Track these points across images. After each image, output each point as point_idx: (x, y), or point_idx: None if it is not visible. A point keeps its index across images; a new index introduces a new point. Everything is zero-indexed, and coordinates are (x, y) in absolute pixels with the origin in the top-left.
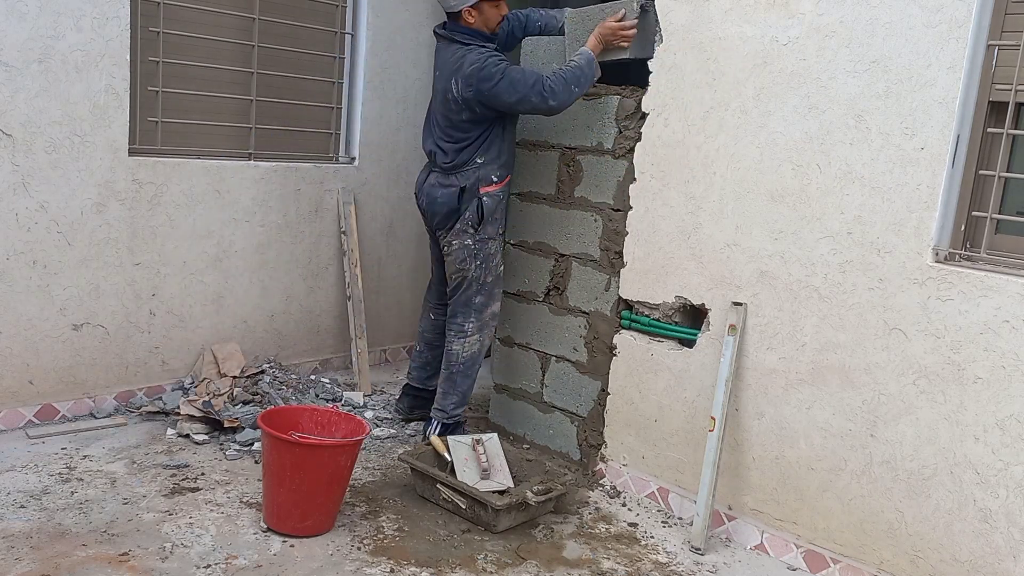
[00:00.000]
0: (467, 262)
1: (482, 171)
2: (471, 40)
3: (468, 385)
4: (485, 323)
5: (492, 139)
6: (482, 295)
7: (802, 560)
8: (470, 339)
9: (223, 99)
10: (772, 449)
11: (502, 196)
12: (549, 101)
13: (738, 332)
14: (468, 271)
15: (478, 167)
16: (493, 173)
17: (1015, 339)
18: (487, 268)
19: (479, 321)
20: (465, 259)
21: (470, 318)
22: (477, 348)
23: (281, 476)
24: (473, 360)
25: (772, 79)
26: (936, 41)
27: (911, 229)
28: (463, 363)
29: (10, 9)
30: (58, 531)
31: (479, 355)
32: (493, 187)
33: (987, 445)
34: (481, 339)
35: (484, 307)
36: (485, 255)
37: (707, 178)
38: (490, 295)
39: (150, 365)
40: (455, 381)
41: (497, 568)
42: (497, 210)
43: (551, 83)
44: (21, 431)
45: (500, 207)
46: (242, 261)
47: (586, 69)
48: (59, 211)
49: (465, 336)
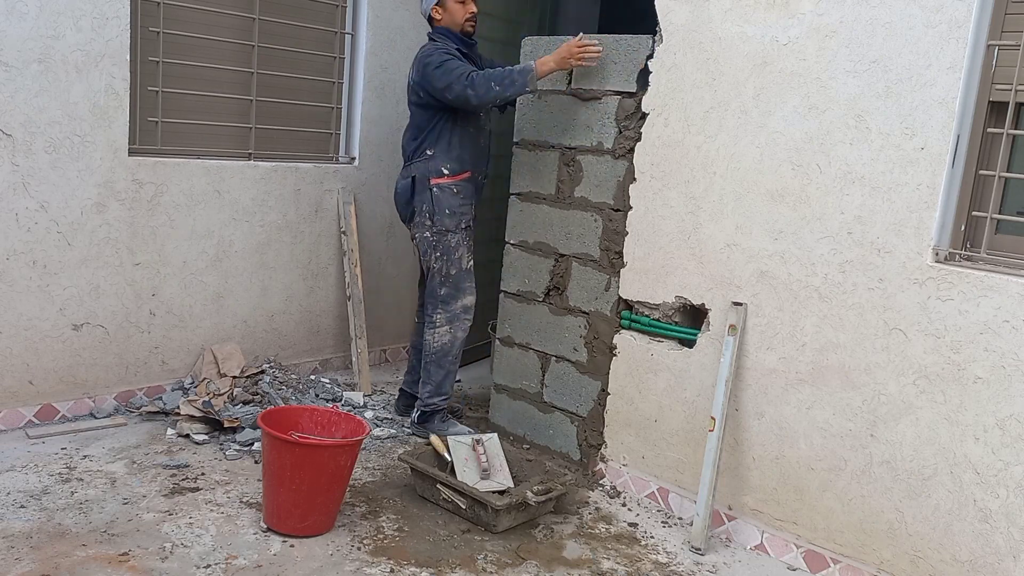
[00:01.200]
0: (428, 254)
1: (431, 163)
2: (439, 37)
3: (442, 376)
4: (455, 315)
5: (441, 132)
6: (447, 287)
7: (802, 560)
8: (439, 330)
9: (223, 99)
10: (772, 449)
11: (458, 191)
12: (467, 90)
13: (738, 332)
14: (430, 262)
15: (428, 158)
16: (443, 165)
17: (1015, 339)
18: (449, 260)
19: (447, 313)
20: (426, 251)
21: (437, 309)
22: (447, 340)
23: (281, 476)
24: (444, 351)
25: (772, 79)
26: (936, 41)
27: (911, 229)
28: (434, 353)
29: (10, 9)
30: (58, 531)
31: (450, 347)
32: (444, 179)
33: (987, 445)
34: (452, 331)
35: (451, 299)
36: (445, 247)
37: (707, 178)
38: (456, 288)
39: (150, 365)
40: (428, 371)
41: (497, 568)
42: (453, 204)
43: (475, 77)
44: (21, 431)
45: (457, 201)
46: (242, 261)
47: (517, 76)
48: (59, 211)
49: (434, 327)
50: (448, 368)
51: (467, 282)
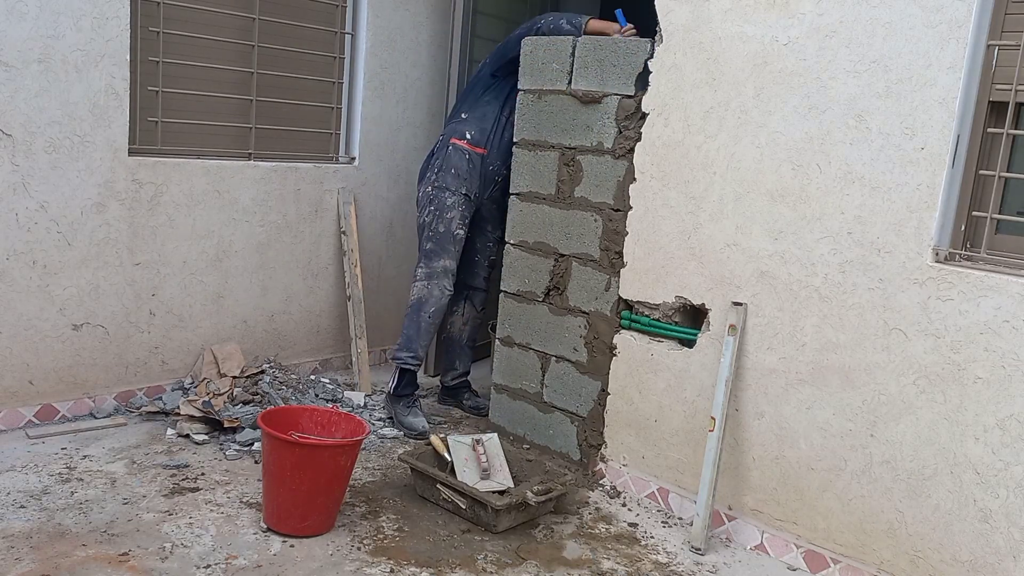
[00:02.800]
0: (423, 207)
1: (460, 125)
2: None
3: (414, 331)
4: (434, 273)
5: (482, 103)
6: (432, 242)
7: (802, 560)
8: (418, 284)
9: (223, 99)
10: (772, 449)
11: (470, 159)
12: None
13: (738, 332)
14: (423, 216)
15: (459, 121)
16: (468, 130)
17: (1015, 339)
18: (439, 217)
19: (427, 268)
20: (424, 206)
21: (420, 263)
22: (424, 294)
23: (281, 476)
24: (418, 305)
25: (772, 79)
26: (936, 41)
27: (911, 229)
28: (410, 306)
29: (10, 9)
30: (58, 531)
31: (424, 303)
32: (463, 143)
33: (987, 445)
34: (429, 288)
35: (433, 256)
36: (439, 204)
37: (707, 178)
38: (440, 246)
39: (150, 365)
40: (404, 322)
41: (497, 568)
42: (461, 166)
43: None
44: (21, 431)
45: (465, 166)
46: (242, 261)
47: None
48: (59, 211)
49: (415, 280)
50: (421, 324)
51: (452, 246)
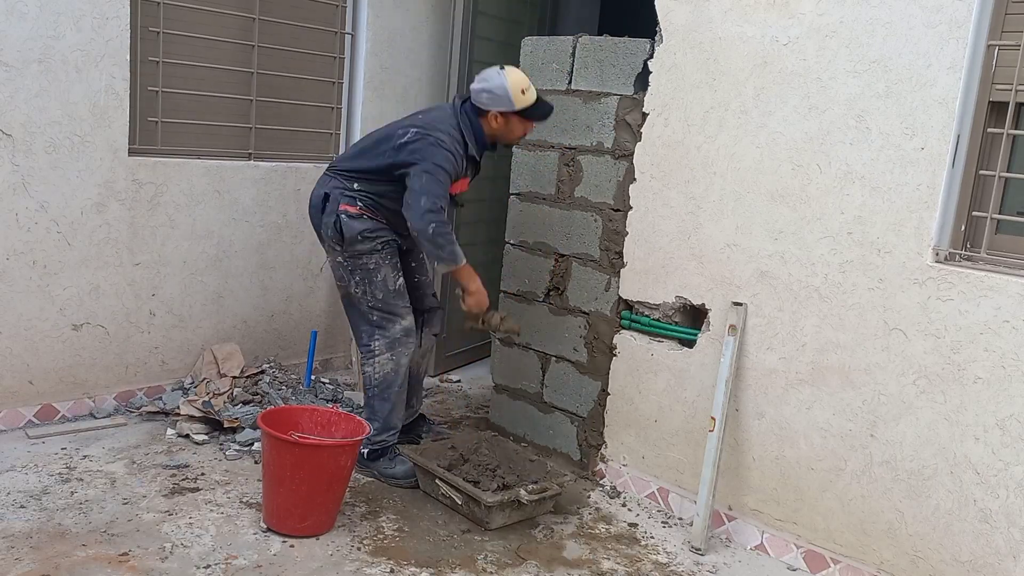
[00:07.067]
0: (345, 280)
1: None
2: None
3: (388, 410)
4: (396, 339)
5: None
6: (378, 311)
7: (802, 560)
8: (379, 359)
9: (223, 99)
10: (772, 449)
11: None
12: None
13: (738, 332)
14: (349, 289)
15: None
16: (360, 199)
17: (1015, 339)
18: (372, 283)
19: (386, 338)
20: (342, 276)
21: (374, 336)
22: (391, 368)
23: (281, 476)
24: (388, 382)
25: (772, 79)
26: (936, 41)
27: (911, 229)
28: (377, 385)
29: (10, 9)
30: (58, 531)
31: (395, 375)
32: (355, 210)
33: (987, 445)
34: (394, 357)
35: (387, 323)
36: (364, 272)
37: (707, 178)
38: (390, 311)
39: (150, 365)
40: (373, 407)
41: (497, 568)
42: (367, 227)
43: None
44: (21, 431)
45: (371, 224)
46: (242, 261)
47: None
48: (59, 211)
49: (373, 356)
50: (394, 401)
51: (400, 301)
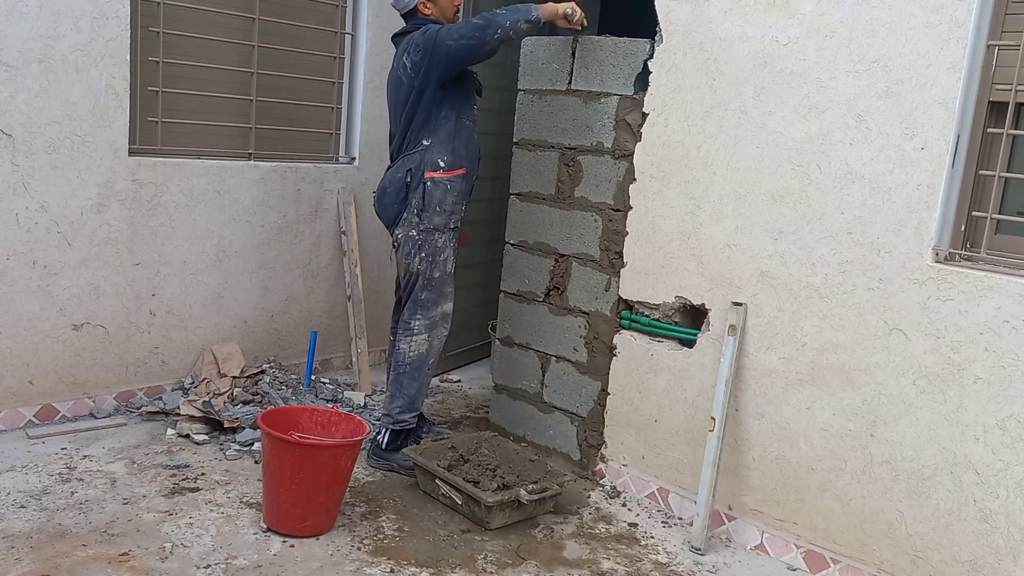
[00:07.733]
0: (412, 255)
1: (428, 154)
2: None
3: (416, 389)
4: (435, 322)
5: (439, 121)
6: (429, 291)
7: (802, 560)
8: (417, 338)
9: (223, 99)
10: (772, 449)
11: (451, 187)
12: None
13: (738, 332)
14: (413, 264)
15: (424, 149)
16: (440, 158)
17: (1015, 339)
18: (434, 262)
19: (427, 319)
20: (410, 251)
21: (416, 314)
22: (425, 348)
23: (281, 476)
24: (420, 361)
25: (772, 79)
26: (936, 41)
27: (911, 229)
28: (409, 363)
29: (10, 9)
30: (58, 531)
31: (427, 357)
32: (439, 173)
33: (987, 445)
34: (430, 339)
35: (432, 304)
36: (432, 248)
37: (707, 178)
38: (439, 292)
39: (150, 365)
40: (401, 383)
41: (497, 568)
42: (445, 201)
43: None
44: (21, 431)
45: (449, 198)
46: (242, 261)
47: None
48: (59, 211)
49: (412, 334)
50: (423, 381)
51: (449, 287)
